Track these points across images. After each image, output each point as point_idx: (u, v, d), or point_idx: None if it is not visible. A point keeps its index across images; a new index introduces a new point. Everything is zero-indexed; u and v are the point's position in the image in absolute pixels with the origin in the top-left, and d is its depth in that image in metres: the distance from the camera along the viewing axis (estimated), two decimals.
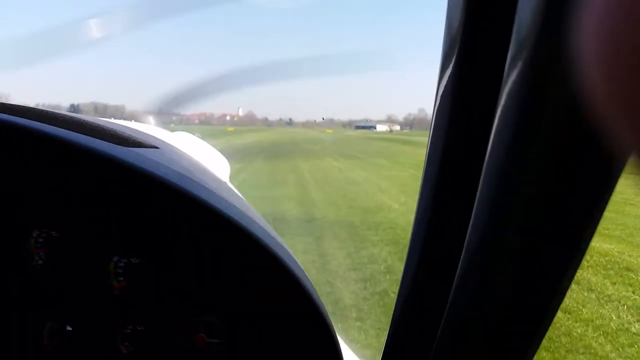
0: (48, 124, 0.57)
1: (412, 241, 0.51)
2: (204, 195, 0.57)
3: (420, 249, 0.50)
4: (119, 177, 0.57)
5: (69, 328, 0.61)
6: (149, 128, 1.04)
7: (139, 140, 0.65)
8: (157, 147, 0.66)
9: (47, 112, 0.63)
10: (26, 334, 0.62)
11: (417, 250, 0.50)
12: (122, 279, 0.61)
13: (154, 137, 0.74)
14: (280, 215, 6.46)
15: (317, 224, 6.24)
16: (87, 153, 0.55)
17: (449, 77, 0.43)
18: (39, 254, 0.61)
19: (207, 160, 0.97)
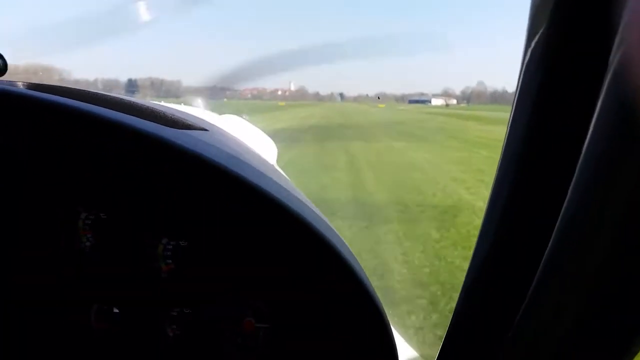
0: (99, 106, 0.58)
1: (482, 236, 0.47)
2: (253, 178, 0.56)
3: (492, 246, 0.46)
4: (168, 158, 0.57)
5: (115, 310, 0.63)
6: (197, 111, 1.06)
7: (188, 123, 0.64)
8: (206, 130, 0.65)
9: (97, 94, 0.64)
10: (73, 316, 0.63)
11: (488, 246, 0.47)
12: (170, 261, 0.61)
13: (203, 119, 0.74)
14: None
15: (377, 240, 4.05)
16: (137, 134, 0.55)
17: (536, 57, 0.38)
18: (87, 236, 0.62)
19: (254, 143, 0.97)
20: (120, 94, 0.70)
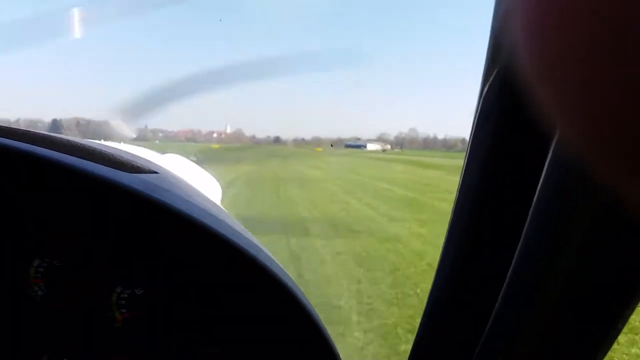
0: (47, 148, 0.57)
1: (446, 249, 0.49)
2: (208, 221, 0.56)
3: (456, 257, 0.48)
4: (124, 203, 0.57)
5: None
6: (139, 150, 1.02)
7: (138, 165, 0.64)
8: (156, 172, 0.65)
9: (43, 135, 0.62)
10: None
11: (452, 259, 0.49)
12: (124, 310, 0.60)
13: (150, 161, 0.74)
14: None
15: None
16: (91, 179, 0.55)
17: (497, 71, 0.42)
18: (39, 285, 0.60)
19: (201, 184, 0.95)
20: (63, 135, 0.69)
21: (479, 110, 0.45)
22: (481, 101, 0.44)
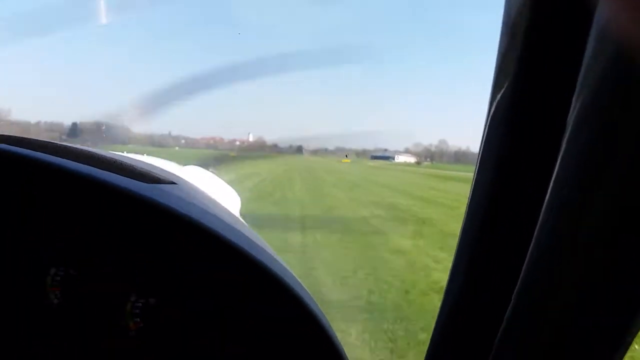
0: (66, 158, 0.59)
1: (462, 241, 0.50)
2: (225, 232, 0.58)
3: (472, 252, 0.49)
4: (141, 214, 0.59)
5: None
6: (158, 161, 1.06)
7: (157, 176, 0.66)
8: (175, 183, 0.68)
9: (64, 146, 0.65)
10: None
11: (468, 255, 0.50)
12: (138, 319, 0.62)
13: (169, 172, 0.76)
14: None
15: None
16: (109, 189, 0.57)
17: (508, 82, 0.44)
18: (55, 293, 0.62)
19: (219, 195, 1.00)
20: (78, 144, 0.73)
21: (490, 117, 0.47)
22: (492, 109, 0.46)
